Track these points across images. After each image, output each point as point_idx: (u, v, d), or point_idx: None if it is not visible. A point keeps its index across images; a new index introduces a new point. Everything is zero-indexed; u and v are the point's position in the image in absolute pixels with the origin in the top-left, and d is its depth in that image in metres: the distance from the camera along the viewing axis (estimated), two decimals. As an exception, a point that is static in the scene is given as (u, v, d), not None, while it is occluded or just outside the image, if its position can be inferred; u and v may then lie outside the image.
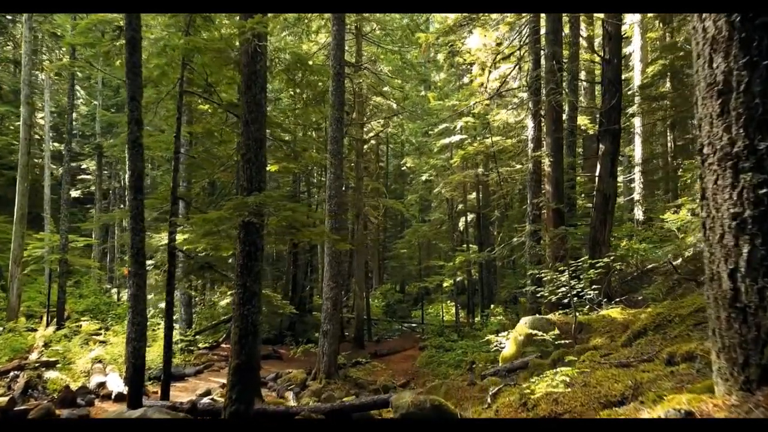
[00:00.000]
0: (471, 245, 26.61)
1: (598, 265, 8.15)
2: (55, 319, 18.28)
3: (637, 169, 21.54)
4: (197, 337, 19.50)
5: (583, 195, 20.46)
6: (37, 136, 29.28)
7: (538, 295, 9.77)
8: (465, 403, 5.94)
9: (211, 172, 16.37)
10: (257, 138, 6.77)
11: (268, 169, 10.39)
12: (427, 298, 31.01)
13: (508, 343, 8.68)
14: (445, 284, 27.04)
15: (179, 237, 9.06)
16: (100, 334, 17.95)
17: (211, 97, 9.65)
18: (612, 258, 8.12)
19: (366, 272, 24.29)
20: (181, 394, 11.59)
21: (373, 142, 27.25)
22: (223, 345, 18.17)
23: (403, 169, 37.60)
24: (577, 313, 7.52)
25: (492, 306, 26.79)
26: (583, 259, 7.98)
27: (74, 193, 32.14)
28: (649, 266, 17.41)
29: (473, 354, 15.39)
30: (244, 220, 6.48)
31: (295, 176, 25.75)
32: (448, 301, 28.92)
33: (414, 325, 27.44)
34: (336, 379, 13.47)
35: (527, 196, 13.44)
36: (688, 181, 19.16)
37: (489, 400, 4.44)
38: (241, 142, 6.74)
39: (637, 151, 20.84)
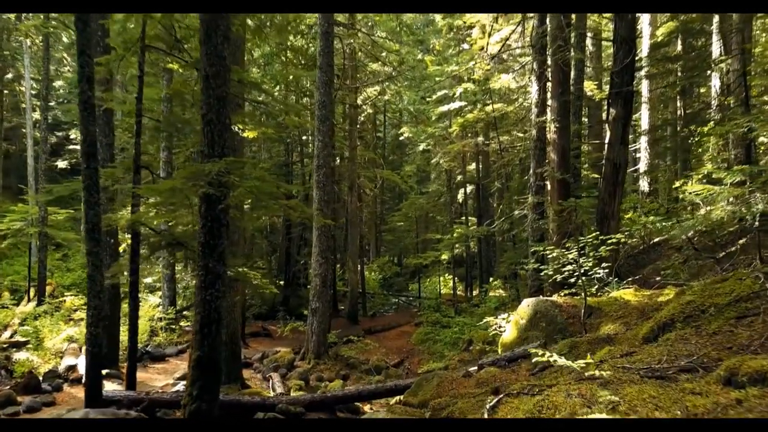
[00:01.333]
0: (470, 217, 25.78)
1: (609, 241, 7.28)
2: (37, 295, 17.55)
3: (643, 138, 20.51)
4: (185, 313, 18.82)
5: (587, 165, 19.52)
6: (23, 105, 28.14)
7: (541, 273, 8.94)
8: (458, 403, 5.13)
9: (195, 140, 15.38)
10: (219, 96, 5.80)
11: (245, 135, 9.43)
12: (424, 271, 30.29)
13: (508, 327, 7.87)
14: (443, 257, 26.35)
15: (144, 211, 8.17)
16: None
17: (180, 55, 8.62)
18: (626, 234, 7.23)
19: (361, 245, 23.49)
20: (159, 376, 10.88)
21: (369, 111, 26.12)
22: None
23: (401, 139, 36.46)
24: (586, 295, 6.69)
25: (491, 279, 26.13)
26: (593, 234, 7.10)
27: (62, 164, 31.12)
28: (656, 240, 16.61)
29: (470, 332, 14.68)
30: (204, 192, 5.58)
31: (287, 146, 24.73)
32: (446, 274, 28.23)
33: (411, 298, 26.83)
34: (325, 359, 12.78)
35: (530, 166, 12.49)
36: (702, 150, 18.20)
37: (486, 413, 3.61)
38: (201, 100, 5.78)
39: (644, 119, 19.78)
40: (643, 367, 3.43)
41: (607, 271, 8.01)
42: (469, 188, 26.70)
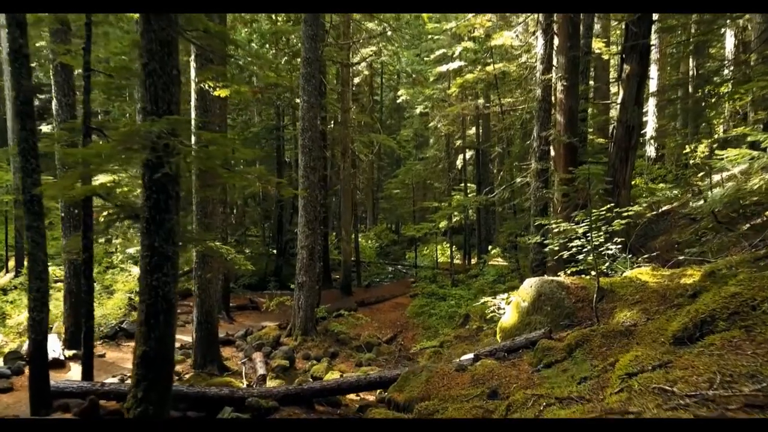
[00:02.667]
0: (470, 184, 24.82)
1: (625, 214, 6.37)
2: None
3: (651, 100, 19.39)
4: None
5: (593, 129, 18.44)
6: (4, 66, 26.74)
7: (546, 248, 8.07)
8: (449, 409, 4.32)
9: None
10: (164, 40, 4.78)
11: (217, 94, 8.41)
12: (421, 240, 29.51)
13: (508, 310, 7.04)
14: (441, 224, 25.50)
15: (104, 179, 7.23)
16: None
17: None
18: (644, 206, 6.30)
19: (356, 214, 22.60)
20: (129, 357, 10.10)
21: (365, 72, 24.81)
22: (197, 294, 16.69)
23: (398, 102, 35.20)
24: (599, 276, 5.81)
25: (489, 248, 25.35)
26: (607, 206, 6.18)
27: (45, 128, 29.93)
28: (664, 208, 15.72)
29: (467, 306, 13.94)
30: (146, 159, 4.63)
31: (277, 109, 23.52)
32: (444, 243, 27.43)
33: (408, 267, 26.12)
34: (313, 336, 12.06)
35: (533, 130, 11.47)
36: (716, 113, 17.11)
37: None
38: (141, 45, 4.76)
39: (653, 80, 18.61)
40: (691, 393, 2.57)
41: (620, 247, 7.15)
42: (469, 154, 25.65)
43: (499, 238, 23.02)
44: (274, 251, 24.26)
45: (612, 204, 6.41)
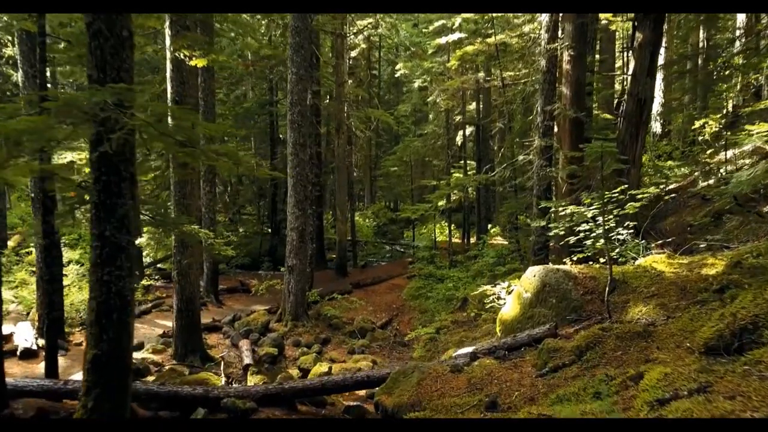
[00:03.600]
0: (469, 161, 24.13)
1: (640, 196, 5.74)
2: None
3: (658, 74, 18.54)
4: (159, 265, 17.53)
5: (597, 104, 17.67)
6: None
7: (550, 232, 7.47)
8: (441, 417, 3.77)
9: (163, 77, 13.59)
10: (110, -4, 4.09)
11: (193, 64, 7.71)
12: (420, 219, 28.90)
13: (509, 300, 6.46)
14: (439, 203, 24.91)
15: (75, 157, 6.59)
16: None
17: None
18: (661, 187, 5.66)
19: (351, 193, 21.94)
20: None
21: (363, 46, 23.85)
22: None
23: (397, 76, 34.26)
24: (611, 266, 5.21)
25: (489, 227, 24.75)
26: (622, 187, 5.56)
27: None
28: (671, 186, 15.08)
29: (465, 289, 13.41)
30: (95, 134, 3.99)
31: (270, 83, 22.67)
32: (443, 221, 26.83)
33: (405, 247, 25.60)
34: (304, 321, 11.54)
35: (536, 104, 10.76)
36: (727, 87, 16.34)
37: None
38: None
39: (660, 54, 17.73)
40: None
41: (631, 231, 6.54)
42: (469, 130, 24.90)
43: (499, 218, 22.43)
44: (269, 230, 23.68)
45: (626, 185, 5.77)
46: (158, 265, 18.21)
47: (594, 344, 4.21)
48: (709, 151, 16.56)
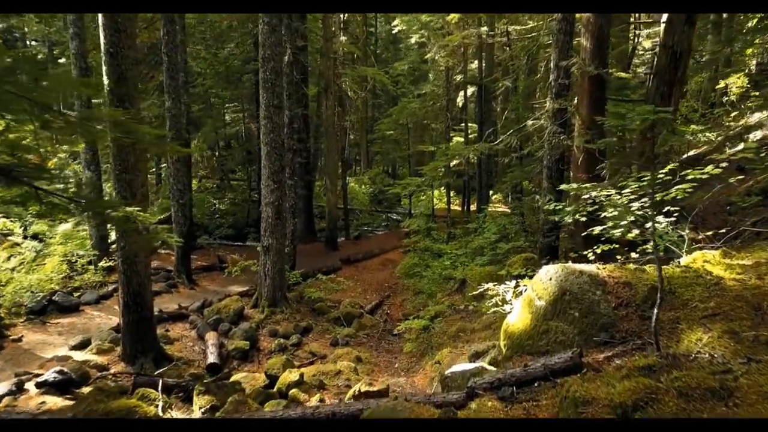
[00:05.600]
0: (471, 124, 22.55)
1: (690, 177, 4.34)
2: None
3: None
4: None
5: (613, 61, 15.98)
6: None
7: (559, 217, 6.06)
8: None
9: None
10: None
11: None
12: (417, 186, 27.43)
13: (517, 306, 5.13)
14: (436, 176, 23.44)
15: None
16: (13, 235, 14.25)
17: None
18: (719, 167, 4.23)
19: (343, 158, 20.42)
20: (57, 339, 8.36)
21: (356, -3, 21.87)
22: (159, 251, 14.86)
23: (394, 32, 32.18)
24: (662, 275, 3.85)
25: (491, 194, 23.39)
26: (672, 165, 4.14)
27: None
28: (690, 153, 13.63)
29: (464, 268, 12.12)
30: None
31: (255, 39, 20.77)
32: (441, 188, 25.41)
33: (403, 216, 24.27)
34: (283, 307, 10.31)
35: (550, 59, 9.20)
36: (751, 44, 14.72)
37: None
38: None
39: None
40: None
41: (674, 219, 5.16)
42: (470, 90, 23.22)
43: (501, 187, 21.01)
44: (257, 197, 22.30)
45: (676, 164, 4.35)
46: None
47: (644, 403, 2.91)
48: (733, 114, 15.02)
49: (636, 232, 4.60)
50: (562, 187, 5.22)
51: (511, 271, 9.92)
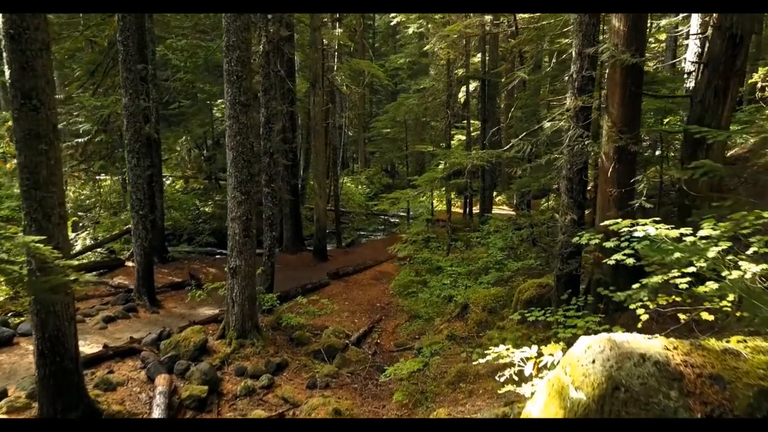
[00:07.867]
0: (473, 121, 21.03)
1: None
2: None
3: (694, 16, 15.15)
4: (90, 253, 14.69)
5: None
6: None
7: (607, 255, 4.53)
8: None
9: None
10: None
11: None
12: (415, 186, 25.88)
13: (542, 394, 3.57)
14: (439, 167, 21.85)
15: None
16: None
17: None
18: None
19: (334, 158, 18.88)
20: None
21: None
22: (128, 264, 13.37)
23: (393, 24, 30.62)
24: (732, 338, 2.33)
25: (494, 194, 21.83)
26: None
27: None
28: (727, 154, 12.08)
29: (466, 290, 10.62)
30: None
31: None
32: (442, 188, 23.88)
33: (401, 218, 22.78)
34: (254, 338, 8.82)
35: (571, 47, 7.64)
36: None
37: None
38: None
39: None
40: None
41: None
42: (473, 85, 21.69)
43: (507, 194, 19.49)
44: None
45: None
46: (107, 245, 15.48)
47: None
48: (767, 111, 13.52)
49: (713, 285, 3.15)
50: (606, 223, 3.70)
51: (520, 296, 8.44)
